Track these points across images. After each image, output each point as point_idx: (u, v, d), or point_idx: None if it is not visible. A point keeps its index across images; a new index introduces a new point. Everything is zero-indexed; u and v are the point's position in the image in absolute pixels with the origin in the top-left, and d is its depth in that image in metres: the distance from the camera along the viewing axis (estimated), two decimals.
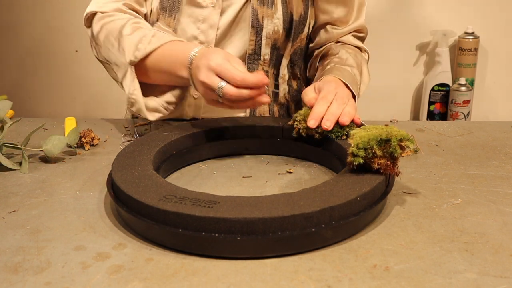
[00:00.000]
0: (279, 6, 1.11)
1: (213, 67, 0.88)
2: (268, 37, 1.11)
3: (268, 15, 1.10)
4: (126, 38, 1.03)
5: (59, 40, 2.52)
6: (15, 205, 0.82)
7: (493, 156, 0.97)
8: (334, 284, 0.61)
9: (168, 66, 1.00)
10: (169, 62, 1.00)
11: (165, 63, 1.00)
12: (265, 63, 1.14)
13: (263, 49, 1.12)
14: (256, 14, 1.10)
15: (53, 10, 2.48)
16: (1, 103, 0.98)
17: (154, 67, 1.02)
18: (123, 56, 1.02)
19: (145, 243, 0.70)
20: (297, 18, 1.14)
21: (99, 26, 1.09)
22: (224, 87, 0.87)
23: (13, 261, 0.67)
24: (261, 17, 1.10)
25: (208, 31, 1.11)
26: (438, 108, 2.33)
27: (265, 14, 1.10)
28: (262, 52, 1.13)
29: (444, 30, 2.25)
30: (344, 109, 0.93)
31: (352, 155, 0.76)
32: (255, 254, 0.66)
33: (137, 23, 1.06)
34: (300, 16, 1.15)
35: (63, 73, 2.57)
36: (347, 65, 1.12)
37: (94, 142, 1.04)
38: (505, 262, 0.65)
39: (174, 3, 1.10)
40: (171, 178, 0.90)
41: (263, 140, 0.99)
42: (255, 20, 1.10)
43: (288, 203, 0.68)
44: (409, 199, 0.81)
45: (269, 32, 1.11)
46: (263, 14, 1.10)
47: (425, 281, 0.62)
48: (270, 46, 1.13)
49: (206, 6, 1.10)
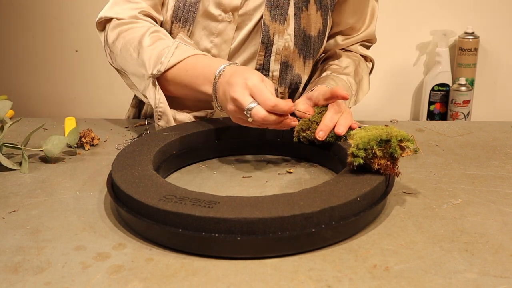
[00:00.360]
0: (291, 21, 1.07)
1: (249, 86, 0.86)
2: (278, 53, 1.08)
3: (280, 31, 1.07)
4: (146, 49, 1.00)
5: (59, 40, 2.52)
6: (15, 205, 0.82)
7: (493, 156, 0.97)
8: (334, 284, 0.61)
9: (191, 80, 0.98)
10: (192, 76, 0.97)
11: (187, 77, 0.98)
12: (274, 80, 1.10)
13: (271, 65, 1.09)
14: (267, 30, 1.06)
15: (53, 10, 2.49)
16: (1, 103, 0.98)
17: (175, 80, 0.99)
18: (143, 67, 1.00)
19: (145, 243, 0.70)
20: (315, 34, 1.10)
21: (115, 34, 1.06)
22: (253, 108, 0.85)
23: (13, 261, 0.67)
24: (272, 33, 1.06)
25: (222, 45, 1.08)
26: (438, 108, 2.33)
27: (276, 30, 1.07)
28: (271, 68, 1.09)
29: (444, 30, 2.25)
30: (339, 119, 0.91)
31: (352, 155, 0.76)
32: (255, 254, 0.66)
33: (156, 32, 1.04)
34: (319, 31, 1.11)
35: (63, 73, 2.57)
36: (344, 73, 1.10)
37: (94, 142, 1.04)
38: (505, 262, 0.65)
39: (189, 14, 1.06)
40: (171, 178, 0.90)
41: (263, 140, 0.99)
42: (265, 36, 1.07)
43: (288, 203, 0.68)
44: (409, 199, 0.81)
45: (279, 48, 1.08)
46: (274, 30, 1.06)
47: (425, 281, 0.62)
48: (280, 63, 1.09)
49: (222, 20, 1.06)
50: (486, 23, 2.28)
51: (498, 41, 2.31)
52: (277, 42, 1.07)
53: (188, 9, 1.05)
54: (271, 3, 1.05)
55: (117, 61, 1.06)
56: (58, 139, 0.97)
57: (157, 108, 1.00)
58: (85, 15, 2.46)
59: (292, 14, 1.07)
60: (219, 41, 1.08)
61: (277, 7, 1.06)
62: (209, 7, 1.05)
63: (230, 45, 1.08)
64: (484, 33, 2.27)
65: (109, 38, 1.07)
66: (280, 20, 1.06)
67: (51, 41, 2.53)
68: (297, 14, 1.07)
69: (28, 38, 2.54)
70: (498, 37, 2.31)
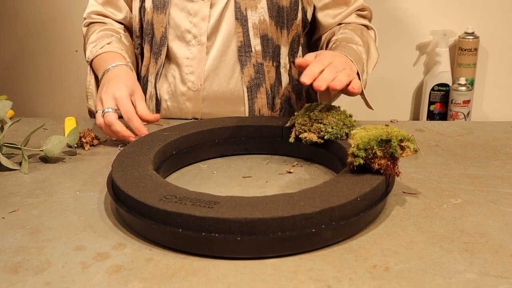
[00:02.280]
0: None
1: (116, 96, 1.03)
2: (255, 27, 1.12)
3: (251, 6, 1.12)
4: (89, 44, 1.21)
5: (59, 40, 2.52)
6: (15, 205, 0.82)
7: (493, 156, 0.97)
8: (334, 284, 0.61)
9: (97, 69, 1.17)
10: (98, 67, 1.16)
11: (96, 66, 1.17)
12: (258, 55, 1.14)
13: (252, 40, 1.13)
14: (239, 6, 1.11)
15: (53, 10, 2.48)
16: (1, 103, 0.98)
17: (95, 67, 1.19)
18: (85, 55, 1.22)
19: (145, 243, 0.70)
20: (287, 4, 1.14)
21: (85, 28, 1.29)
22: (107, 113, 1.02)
23: (13, 261, 0.67)
24: (244, 9, 1.11)
25: (200, 23, 1.14)
26: (438, 108, 2.33)
27: (248, 6, 1.12)
28: (252, 43, 1.13)
29: (444, 30, 2.25)
30: (336, 76, 0.90)
31: (352, 155, 0.76)
32: (255, 254, 0.66)
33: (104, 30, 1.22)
34: (291, 2, 1.15)
35: (63, 73, 2.57)
36: (353, 43, 1.11)
37: (94, 142, 1.04)
38: (505, 262, 0.65)
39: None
40: (171, 178, 0.90)
41: (263, 140, 0.99)
42: (238, 12, 1.12)
43: (288, 203, 0.68)
44: (409, 199, 0.81)
45: (255, 22, 1.12)
46: (246, 5, 1.11)
47: (425, 281, 0.62)
48: (260, 37, 1.13)
49: (196, 0, 1.13)
50: (486, 23, 2.28)
51: (498, 41, 2.31)
52: (251, 16, 1.12)
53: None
54: None
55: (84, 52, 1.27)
56: (58, 139, 0.97)
57: (87, 88, 1.22)
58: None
59: None
60: (197, 20, 1.14)
61: None
62: None
63: (208, 23, 1.14)
64: (484, 33, 2.27)
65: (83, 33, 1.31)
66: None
67: (51, 41, 2.53)
68: None
69: (28, 38, 2.54)
70: (498, 37, 2.30)
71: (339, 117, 0.91)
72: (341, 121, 0.91)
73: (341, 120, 0.91)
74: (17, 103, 1.30)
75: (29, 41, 2.54)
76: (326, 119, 0.90)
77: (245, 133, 0.99)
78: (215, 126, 0.98)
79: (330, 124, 0.90)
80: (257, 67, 1.15)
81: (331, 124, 0.90)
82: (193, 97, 1.17)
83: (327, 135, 0.90)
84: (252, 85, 1.15)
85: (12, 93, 2.51)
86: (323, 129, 0.90)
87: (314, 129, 0.91)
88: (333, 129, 0.89)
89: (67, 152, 1.02)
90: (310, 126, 0.91)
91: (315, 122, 0.91)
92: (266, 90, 1.16)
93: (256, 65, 1.15)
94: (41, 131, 1.06)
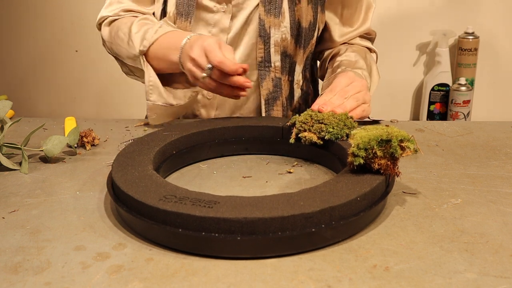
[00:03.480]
0: (286, 14, 1.13)
1: (204, 46, 0.97)
2: (277, 45, 1.14)
3: (275, 24, 1.13)
4: (134, 34, 1.11)
5: (59, 40, 2.52)
6: (15, 205, 0.82)
7: (493, 156, 0.97)
8: (334, 284, 0.61)
9: (164, 52, 1.07)
10: (164, 48, 1.07)
11: (161, 49, 1.07)
12: (277, 70, 1.16)
13: (272, 56, 1.15)
14: (263, 24, 1.12)
15: (53, 10, 2.49)
16: (1, 103, 0.98)
17: (154, 54, 1.09)
18: (133, 48, 1.10)
19: (145, 243, 0.70)
20: (306, 26, 1.16)
21: (108, 28, 1.20)
22: (212, 67, 0.96)
23: (13, 261, 0.67)
24: (268, 27, 1.13)
25: (219, 35, 1.15)
26: (438, 108, 2.33)
27: (272, 24, 1.13)
28: (272, 59, 1.15)
29: (444, 30, 2.25)
30: (344, 102, 0.98)
31: (352, 155, 0.76)
32: (255, 254, 0.66)
33: (143, 19, 1.15)
34: (310, 24, 1.17)
35: (63, 73, 2.57)
36: (358, 67, 1.15)
37: (95, 142, 1.04)
38: (505, 262, 0.65)
39: (189, 7, 1.13)
40: (171, 178, 0.90)
41: (263, 140, 0.99)
42: (262, 30, 1.13)
43: (288, 203, 0.68)
44: (409, 199, 0.81)
45: (277, 40, 1.14)
46: (270, 23, 1.13)
47: (425, 281, 0.62)
48: (280, 53, 1.15)
49: (217, 11, 1.14)
50: (486, 23, 2.28)
51: (498, 41, 2.31)
52: (274, 34, 1.13)
53: (188, 3, 1.13)
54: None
55: (112, 48, 1.18)
56: (58, 139, 0.97)
57: (148, 82, 1.09)
58: (85, 15, 2.47)
59: (286, 8, 1.13)
60: (216, 31, 1.15)
61: (271, 2, 1.12)
62: (203, 0, 1.13)
63: (227, 35, 1.15)
64: (484, 33, 2.27)
65: (103, 33, 1.21)
66: (275, 14, 1.12)
67: (51, 41, 2.53)
68: (291, 7, 1.13)
69: (28, 38, 2.54)
70: (498, 37, 2.31)
71: (340, 117, 0.91)
72: (342, 122, 0.91)
73: (342, 120, 0.91)
74: (17, 103, 1.30)
75: (29, 41, 2.54)
76: (327, 119, 0.91)
77: (245, 133, 0.99)
78: (215, 126, 0.98)
79: (331, 124, 0.90)
80: (275, 81, 1.17)
81: (332, 124, 0.90)
82: (208, 104, 1.20)
83: (327, 135, 0.90)
84: (269, 98, 1.17)
85: (12, 93, 2.51)
86: (324, 129, 0.90)
87: (315, 129, 0.91)
88: (334, 129, 0.90)
89: (67, 152, 1.02)
90: (310, 126, 0.91)
91: (316, 122, 0.91)
92: (282, 103, 1.19)
93: (274, 79, 1.17)
94: (41, 131, 1.06)
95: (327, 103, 0.96)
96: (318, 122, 0.91)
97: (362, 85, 1.03)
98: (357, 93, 1.01)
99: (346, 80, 1.03)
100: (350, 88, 1.02)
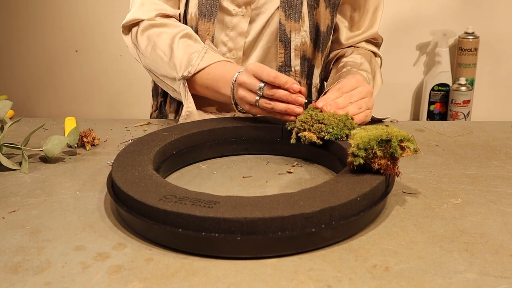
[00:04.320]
0: (306, 18, 1.14)
1: (250, 68, 0.96)
2: (297, 49, 1.15)
3: (296, 28, 1.14)
4: (177, 54, 1.08)
5: (59, 40, 2.52)
6: (15, 205, 0.82)
7: (493, 156, 0.97)
8: (334, 284, 0.61)
9: (212, 83, 1.06)
10: (213, 80, 1.06)
11: (209, 80, 1.06)
12: (297, 74, 1.17)
13: (293, 61, 1.16)
14: (284, 29, 1.13)
15: (53, 10, 2.49)
16: (1, 103, 0.98)
17: (200, 82, 1.07)
18: (174, 70, 1.08)
19: (145, 243, 0.70)
20: (324, 29, 1.17)
21: (145, 38, 1.13)
22: (263, 87, 0.94)
23: (13, 261, 0.67)
24: (289, 32, 1.14)
25: (237, 38, 1.15)
26: (438, 108, 2.33)
27: (292, 28, 1.14)
28: (292, 63, 1.16)
29: (444, 30, 2.25)
30: (348, 105, 0.99)
31: (352, 155, 0.76)
32: (255, 254, 0.66)
33: (185, 36, 1.11)
34: (328, 27, 1.18)
35: (63, 73, 2.57)
36: (362, 69, 1.15)
37: (95, 142, 1.04)
38: (505, 262, 0.65)
39: (212, 7, 1.13)
40: (171, 178, 0.90)
41: (263, 140, 0.99)
42: (283, 35, 1.14)
43: (288, 203, 0.68)
44: (409, 199, 0.81)
45: (297, 44, 1.15)
46: (291, 28, 1.13)
47: (425, 281, 0.62)
48: (300, 57, 1.16)
49: (235, 14, 1.14)
50: (486, 23, 2.28)
51: (498, 41, 2.31)
52: (294, 39, 1.14)
53: (211, 3, 1.12)
54: (285, 4, 1.12)
55: (147, 63, 1.14)
56: (58, 139, 0.97)
57: (186, 109, 1.07)
58: (85, 15, 2.47)
59: (306, 12, 1.14)
60: (234, 34, 1.15)
61: (291, 7, 1.13)
62: (224, 2, 1.13)
63: (245, 38, 1.15)
64: (484, 33, 2.27)
65: (139, 42, 1.14)
66: (295, 19, 1.13)
67: (51, 41, 2.53)
68: (310, 11, 1.14)
69: (28, 38, 2.54)
70: (498, 37, 2.31)
71: (340, 118, 0.91)
72: (342, 122, 0.91)
73: (341, 121, 0.91)
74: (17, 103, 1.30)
75: (29, 41, 2.54)
76: (327, 120, 0.91)
77: (245, 133, 0.99)
78: (215, 126, 0.98)
79: (331, 124, 0.90)
80: None
81: (332, 125, 0.90)
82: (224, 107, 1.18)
83: (327, 136, 0.90)
84: None
85: (12, 93, 2.51)
86: (324, 129, 0.90)
87: (315, 129, 0.91)
88: (334, 130, 0.90)
89: (67, 152, 1.02)
90: (310, 126, 0.91)
91: (316, 122, 0.91)
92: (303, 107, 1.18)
93: None
94: (41, 131, 1.06)
95: (331, 103, 0.96)
96: (318, 122, 0.91)
97: (368, 91, 1.04)
98: (362, 99, 1.02)
99: (354, 83, 1.03)
100: (356, 92, 1.02)
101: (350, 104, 1.00)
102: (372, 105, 1.05)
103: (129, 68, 2.42)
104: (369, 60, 1.20)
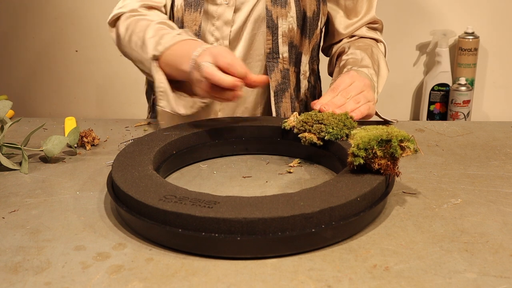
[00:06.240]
0: (292, 4, 1.14)
1: (213, 52, 0.91)
2: (284, 35, 1.15)
3: (282, 14, 1.13)
4: (148, 39, 1.06)
5: (59, 40, 2.52)
6: (15, 205, 0.82)
7: (493, 156, 0.97)
8: (334, 284, 0.61)
9: (175, 60, 1.01)
10: (177, 56, 1.01)
11: (174, 56, 1.02)
12: (285, 61, 1.17)
13: (280, 47, 1.15)
14: (270, 15, 1.13)
15: (53, 10, 2.48)
16: (1, 103, 0.98)
17: (167, 61, 1.03)
18: (146, 52, 1.05)
19: (145, 243, 0.70)
20: (311, 15, 1.17)
21: (124, 27, 1.13)
22: (205, 65, 0.89)
23: (13, 261, 0.67)
24: (276, 17, 1.13)
25: (223, 27, 1.15)
26: (438, 108, 2.33)
27: (279, 14, 1.13)
28: (280, 50, 1.16)
29: (444, 30, 2.25)
30: (345, 102, 0.98)
31: (352, 155, 0.76)
32: (255, 254, 0.66)
33: (161, 23, 1.09)
34: (314, 13, 1.17)
35: (63, 73, 2.57)
36: (363, 66, 1.14)
37: (95, 142, 1.04)
38: (505, 262, 0.65)
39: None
40: (171, 178, 0.90)
41: (263, 140, 0.99)
42: (270, 21, 1.13)
43: (288, 203, 0.68)
44: (409, 199, 0.81)
45: (284, 30, 1.14)
46: (277, 14, 1.13)
47: (425, 281, 0.62)
48: (287, 44, 1.16)
49: (220, 4, 1.14)
50: (486, 23, 2.28)
51: (498, 41, 2.31)
52: (281, 25, 1.14)
53: None
54: None
55: (126, 51, 1.14)
56: (58, 139, 0.97)
57: (157, 88, 1.03)
58: (85, 15, 2.46)
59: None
60: (219, 23, 1.15)
61: None
62: None
63: (231, 27, 1.15)
64: (484, 33, 2.27)
65: (120, 32, 1.14)
66: (281, 4, 1.13)
67: (51, 41, 2.53)
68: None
69: (28, 38, 2.54)
70: (498, 37, 2.30)
71: (340, 118, 0.91)
72: (342, 122, 0.91)
73: (341, 121, 0.91)
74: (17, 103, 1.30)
75: (29, 41, 2.54)
76: (327, 120, 0.91)
77: (245, 133, 0.99)
78: (215, 126, 0.98)
79: (331, 124, 0.90)
80: (283, 73, 1.17)
81: (332, 125, 0.90)
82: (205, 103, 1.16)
83: (327, 136, 0.90)
84: (278, 90, 1.17)
85: (12, 93, 2.51)
86: (324, 129, 0.90)
87: (315, 129, 0.91)
88: (334, 130, 0.89)
89: (67, 152, 1.02)
90: (310, 126, 0.91)
91: (316, 122, 0.91)
92: (291, 95, 1.19)
93: (283, 71, 1.17)
94: (41, 131, 1.06)
95: (329, 103, 0.96)
96: (318, 122, 0.91)
97: (364, 85, 1.03)
98: (359, 94, 1.01)
99: (348, 80, 1.03)
100: (352, 88, 1.01)
101: (348, 100, 0.99)
102: (372, 98, 1.04)
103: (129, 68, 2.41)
104: (370, 53, 1.18)
